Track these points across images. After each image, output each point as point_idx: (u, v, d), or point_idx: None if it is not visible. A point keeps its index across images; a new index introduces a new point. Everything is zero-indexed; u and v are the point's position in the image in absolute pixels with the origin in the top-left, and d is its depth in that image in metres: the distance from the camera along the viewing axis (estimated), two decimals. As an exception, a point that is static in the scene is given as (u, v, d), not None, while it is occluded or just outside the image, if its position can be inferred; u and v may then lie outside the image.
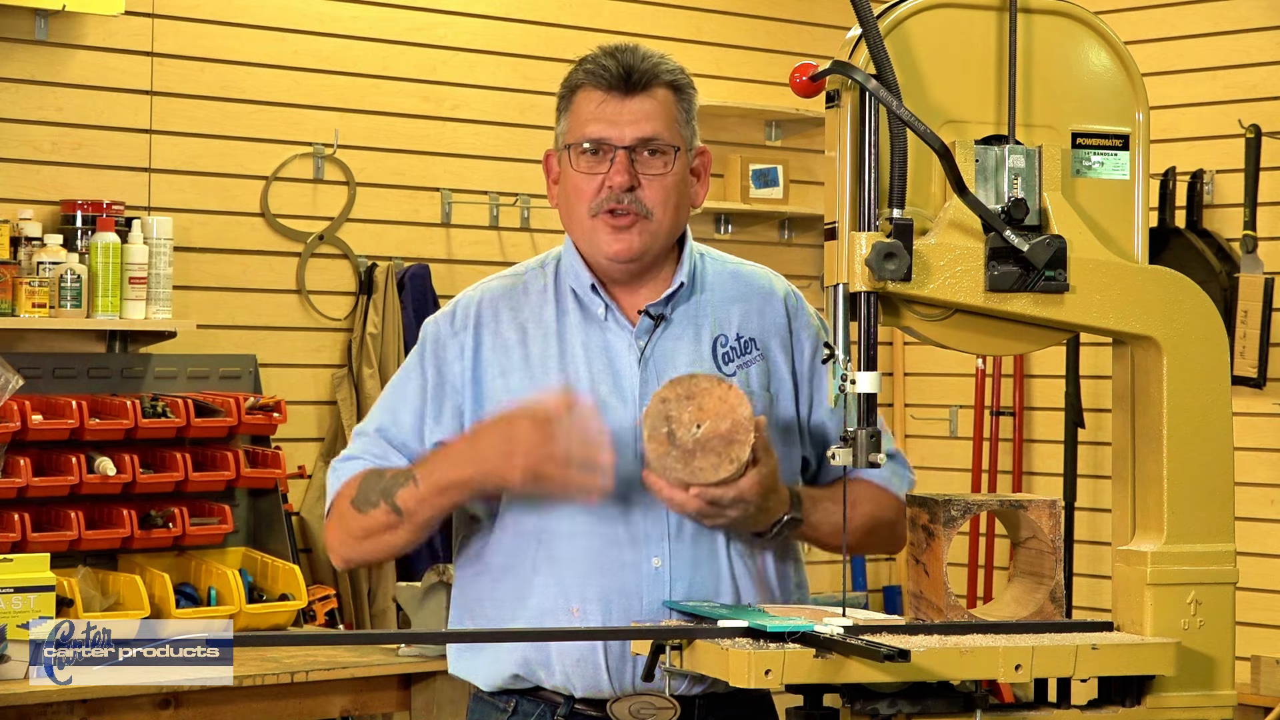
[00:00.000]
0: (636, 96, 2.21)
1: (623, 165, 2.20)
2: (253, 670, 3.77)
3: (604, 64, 2.22)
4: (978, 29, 2.08)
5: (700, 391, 2.12)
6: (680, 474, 2.11)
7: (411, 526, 2.18)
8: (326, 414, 4.85)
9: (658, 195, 2.22)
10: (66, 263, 4.25)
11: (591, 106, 2.22)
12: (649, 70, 2.22)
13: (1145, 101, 2.14)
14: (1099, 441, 5.33)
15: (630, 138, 2.21)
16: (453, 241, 5.11)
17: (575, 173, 2.23)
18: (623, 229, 2.21)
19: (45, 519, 4.15)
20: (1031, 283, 2.04)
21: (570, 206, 2.25)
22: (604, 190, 2.21)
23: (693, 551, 2.21)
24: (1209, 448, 2.09)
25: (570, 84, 2.26)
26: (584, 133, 2.22)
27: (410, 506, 2.17)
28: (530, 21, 5.24)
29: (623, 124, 2.21)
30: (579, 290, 2.27)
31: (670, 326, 2.27)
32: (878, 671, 1.91)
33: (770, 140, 5.77)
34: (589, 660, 2.20)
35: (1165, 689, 2.05)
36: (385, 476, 2.21)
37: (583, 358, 2.24)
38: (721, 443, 2.11)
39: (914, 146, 2.02)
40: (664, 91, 2.23)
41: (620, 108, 2.21)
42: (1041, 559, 2.16)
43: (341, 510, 2.24)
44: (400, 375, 2.31)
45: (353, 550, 2.25)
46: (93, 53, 4.52)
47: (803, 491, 2.24)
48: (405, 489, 2.17)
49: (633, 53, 2.24)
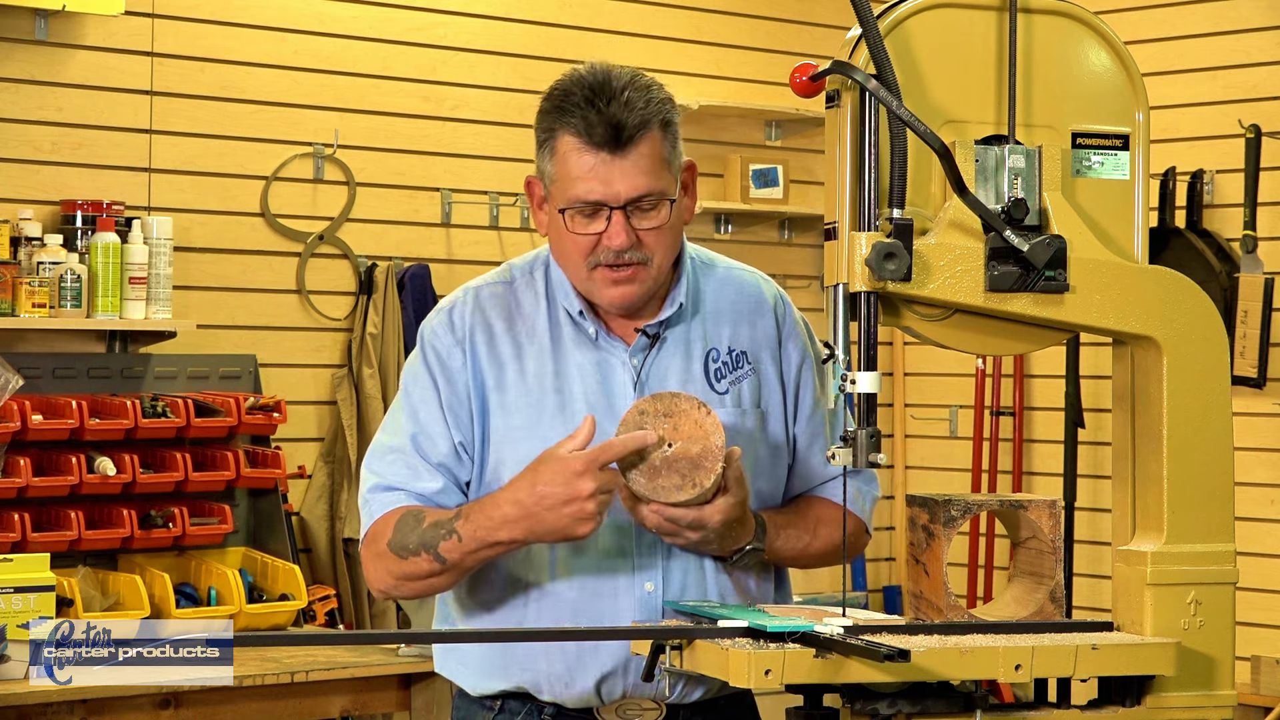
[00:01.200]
0: (629, 153, 2.12)
1: (620, 227, 2.13)
2: (253, 670, 3.77)
3: (589, 119, 2.10)
4: (978, 29, 2.08)
5: (678, 412, 2.11)
6: (641, 488, 2.10)
7: (456, 573, 2.17)
8: (326, 414, 4.84)
9: (656, 243, 2.17)
10: (66, 263, 4.24)
11: (582, 169, 2.12)
12: (638, 122, 2.11)
13: (1145, 101, 2.14)
14: (1099, 441, 5.32)
15: (625, 198, 2.13)
16: (453, 241, 5.10)
17: (570, 232, 2.16)
18: (623, 280, 2.17)
19: (45, 519, 4.15)
20: (1031, 283, 2.04)
21: (566, 254, 2.19)
22: (601, 248, 2.15)
23: (684, 576, 2.20)
24: (1209, 448, 2.09)
25: (551, 127, 2.15)
26: (576, 195, 2.13)
27: (454, 559, 2.14)
28: (530, 21, 5.24)
29: (615, 184, 2.12)
30: (570, 310, 2.24)
31: (665, 345, 2.24)
32: (878, 671, 1.90)
33: (770, 140, 5.76)
34: (579, 684, 2.18)
35: (1165, 689, 2.05)
36: (424, 523, 2.16)
37: (577, 376, 2.22)
38: (689, 465, 2.09)
39: (914, 146, 2.02)
40: (654, 135, 2.13)
41: (611, 167, 2.12)
42: (1041, 559, 2.16)
43: (380, 550, 2.20)
44: (412, 383, 2.26)
45: (395, 590, 2.22)
46: (93, 53, 4.51)
47: (769, 519, 2.23)
48: (448, 543, 2.13)
49: (617, 100, 2.11)
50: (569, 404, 2.20)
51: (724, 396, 2.24)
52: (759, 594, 2.27)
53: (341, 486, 4.73)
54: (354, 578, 4.71)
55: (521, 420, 2.20)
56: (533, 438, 2.17)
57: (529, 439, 2.17)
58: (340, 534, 4.71)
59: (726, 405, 2.24)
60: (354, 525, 4.63)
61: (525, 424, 2.20)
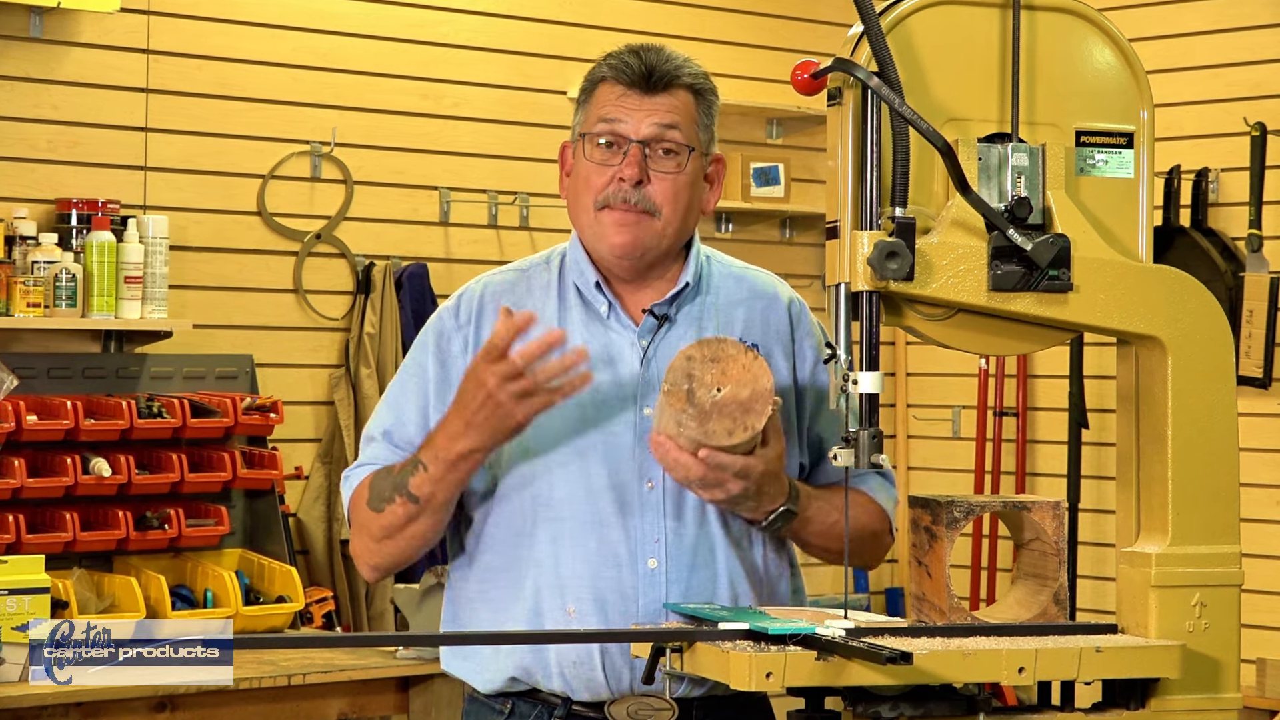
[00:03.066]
0: (656, 95, 2.23)
1: (635, 158, 2.21)
2: (249, 673, 3.76)
3: (627, 60, 2.24)
4: (980, 26, 2.08)
5: (726, 356, 2.11)
6: (693, 432, 2.09)
7: (432, 510, 2.18)
8: (324, 414, 4.84)
9: (666, 193, 2.23)
10: (61, 262, 4.23)
11: (611, 99, 2.23)
12: (671, 71, 2.23)
13: (1150, 99, 2.14)
14: (1103, 442, 5.31)
15: (645, 132, 2.22)
16: (451, 241, 5.09)
17: (587, 162, 2.24)
18: (628, 224, 2.22)
19: (40, 520, 4.14)
20: (1035, 282, 2.04)
21: (578, 196, 2.26)
22: (613, 183, 2.22)
23: (690, 554, 2.21)
24: (1214, 448, 2.08)
25: (592, 78, 2.28)
26: (599, 123, 2.23)
27: (425, 491, 2.17)
28: (530, 19, 5.22)
29: (639, 118, 2.22)
30: (582, 287, 2.27)
31: (674, 327, 2.27)
32: (880, 674, 1.90)
33: (771, 138, 5.75)
34: (586, 663, 2.19)
35: (1170, 692, 2.05)
36: (394, 472, 2.22)
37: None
38: (739, 409, 2.09)
39: (916, 145, 2.02)
40: (684, 93, 2.24)
41: (639, 102, 2.22)
42: (1045, 561, 2.16)
43: (359, 517, 2.25)
44: (404, 372, 2.31)
45: (379, 555, 2.24)
46: (88, 50, 4.50)
47: (800, 487, 2.23)
48: (416, 476, 2.18)
49: (657, 53, 2.25)
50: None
51: None
52: (770, 575, 2.26)
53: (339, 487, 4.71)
54: (351, 580, 4.70)
55: None
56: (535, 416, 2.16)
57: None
58: (338, 535, 4.70)
59: None
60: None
61: None
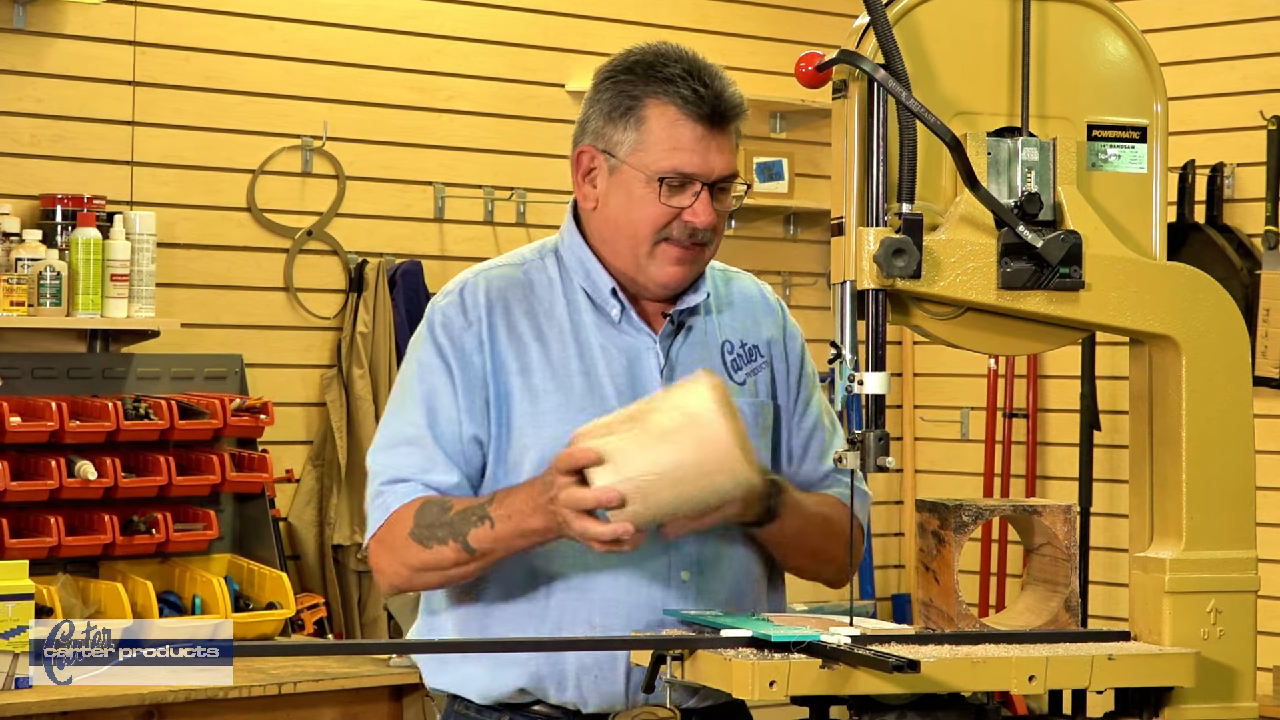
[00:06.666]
0: (726, 132, 2.18)
1: (707, 204, 2.17)
2: (239, 681, 3.76)
3: (696, 91, 2.15)
4: (990, 17, 2.07)
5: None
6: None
7: (484, 564, 2.15)
8: (315, 416, 4.81)
9: (720, 227, 2.23)
10: (46, 259, 4.21)
11: (684, 140, 2.15)
12: (736, 104, 2.18)
13: (1163, 92, 2.13)
14: (1115, 444, 5.29)
15: (717, 175, 2.18)
16: (446, 237, 5.07)
17: (651, 201, 2.17)
18: (687, 260, 2.20)
19: (24, 524, 4.11)
20: (1046, 280, 2.03)
21: (628, 225, 2.19)
22: (678, 223, 2.17)
23: (723, 566, 2.20)
24: (1229, 451, 2.08)
25: (640, 96, 2.17)
26: (674, 165, 2.16)
27: (486, 547, 2.12)
28: (527, 9, 5.20)
29: (712, 160, 2.17)
30: (592, 291, 2.24)
31: (690, 333, 2.27)
32: (886, 683, 1.88)
33: (775, 132, 5.72)
34: (608, 676, 2.16)
35: (1184, 700, 2.04)
36: (450, 511, 2.13)
37: (602, 359, 2.21)
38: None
39: (924, 139, 2.01)
40: (739, 123, 2.21)
41: (711, 143, 2.17)
42: (1056, 566, 2.15)
43: (397, 542, 2.17)
44: (420, 370, 2.22)
45: (410, 582, 2.20)
46: (73, 41, 4.47)
47: (774, 476, 2.23)
48: (479, 530, 2.11)
49: (716, 79, 2.18)
50: (596, 387, 2.19)
51: (742, 387, 2.26)
52: (782, 583, 2.30)
53: (331, 491, 4.69)
54: (344, 586, 4.68)
55: (550, 404, 2.18)
56: (562, 421, 2.15)
57: (558, 423, 2.16)
58: (330, 540, 4.68)
59: (745, 396, 2.25)
60: (344, 531, 4.63)
61: (554, 408, 2.18)
